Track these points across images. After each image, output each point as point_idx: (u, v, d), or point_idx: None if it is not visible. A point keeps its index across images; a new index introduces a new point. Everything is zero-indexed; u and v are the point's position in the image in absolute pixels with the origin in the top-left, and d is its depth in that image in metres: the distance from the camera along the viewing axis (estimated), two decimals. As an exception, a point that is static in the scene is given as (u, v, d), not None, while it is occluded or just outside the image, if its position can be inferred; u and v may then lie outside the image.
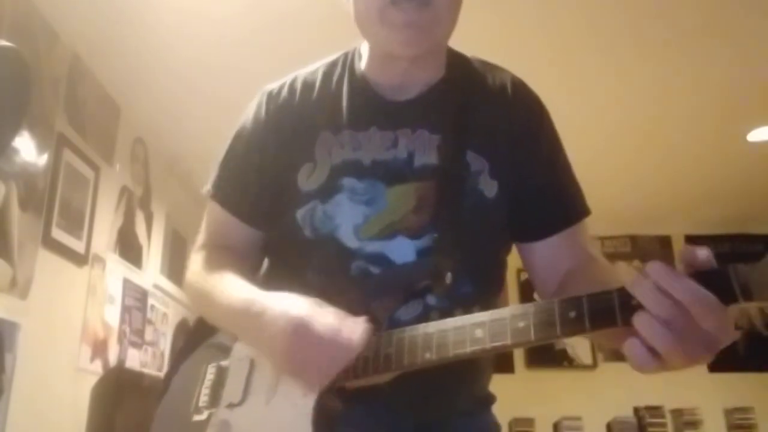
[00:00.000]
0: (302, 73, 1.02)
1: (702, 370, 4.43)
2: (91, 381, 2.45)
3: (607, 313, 0.63)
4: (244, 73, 2.76)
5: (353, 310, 0.79)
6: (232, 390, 0.87)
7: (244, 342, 0.89)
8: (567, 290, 0.84)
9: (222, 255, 0.98)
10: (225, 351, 0.93)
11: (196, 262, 1.01)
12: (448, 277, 0.81)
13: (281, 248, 0.98)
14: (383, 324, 0.79)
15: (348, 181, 0.90)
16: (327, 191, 0.90)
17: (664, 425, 4.16)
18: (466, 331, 0.70)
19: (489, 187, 0.90)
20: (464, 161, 0.90)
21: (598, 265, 0.90)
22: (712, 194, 4.14)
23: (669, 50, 2.59)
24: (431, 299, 0.86)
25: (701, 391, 4.30)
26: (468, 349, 0.70)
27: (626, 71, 2.75)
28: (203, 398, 0.90)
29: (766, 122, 3.31)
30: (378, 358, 0.76)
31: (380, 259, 0.87)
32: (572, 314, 0.64)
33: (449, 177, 0.89)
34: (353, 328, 0.75)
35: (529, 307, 0.67)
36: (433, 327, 0.74)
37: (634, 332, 0.61)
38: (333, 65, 1.01)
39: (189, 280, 1.00)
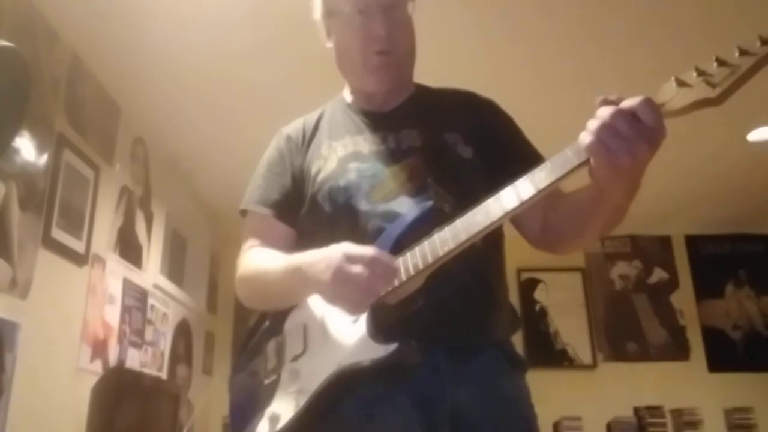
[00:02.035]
0: (305, 117, 1.30)
1: (702, 370, 4.44)
2: (91, 381, 2.44)
3: (565, 159, 0.86)
4: (244, 73, 2.76)
5: None
6: (293, 348, 1.06)
7: (299, 292, 1.05)
8: (550, 227, 1.11)
9: (264, 249, 1.18)
10: (278, 331, 1.11)
11: (242, 261, 1.20)
12: (447, 207, 1.01)
13: (309, 234, 1.14)
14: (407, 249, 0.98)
15: (354, 165, 1.14)
16: (338, 174, 1.13)
17: (664, 425, 4.16)
18: (470, 218, 0.92)
19: (465, 151, 1.14)
20: (442, 138, 1.15)
21: (568, 195, 1.06)
22: (712, 194, 4.14)
23: (668, 50, 2.59)
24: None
25: (701, 391, 4.30)
26: (474, 229, 0.91)
27: (626, 71, 2.75)
28: (270, 364, 1.08)
29: (766, 122, 3.31)
30: (408, 268, 0.95)
31: (391, 215, 1.05)
32: (542, 174, 0.88)
33: (433, 149, 1.13)
34: (390, 257, 0.95)
35: (509, 186, 0.90)
36: (444, 229, 0.94)
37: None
38: (328, 105, 1.30)
39: (240, 274, 1.18)
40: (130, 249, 2.98)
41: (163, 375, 3.34)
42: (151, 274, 3.24)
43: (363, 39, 1.15)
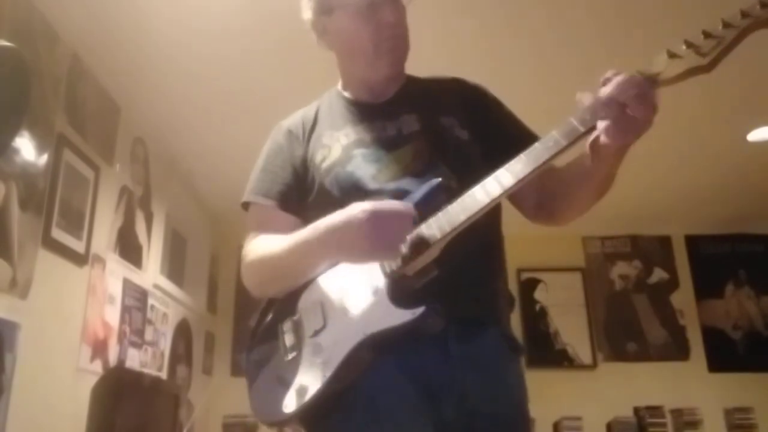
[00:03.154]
0: (303, 110, 1.33)
1: (702, 370, 4.44)
2: (91, 381, 2.44)
3: (572, 128, 0.95)
4: (244, 74, 2.76)
5: None
6: (311, 324, 1.08)
7: (320, 260, 1.09)
8: (546, 199, 1.18)
9: (271, 235, 1.19)
10: (291, 311, 1.12)
11: (249, 248, 1.21)
12: (453, 183, 1.07)
13: (317, 217, 1.12)
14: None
15: (358, 151, 1.18)
16: (344, 160, 1.17)
17: (664, 425, 4.16)
18: (483, 188, 0.99)
19: (462, 134, 1.20)
20: (439, 122, 1.20)
21: (561, 168, 1.12)
22: (712, 194, 4.14)
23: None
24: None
25: (701, 391, 4.30)
26: (486, 199, 0.98)
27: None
28: (289, 342, 1.10)
29: (766, 122, 3.31)
30: (426, 238, 1.00)
31: (400, 194, 1.08)
32: (550, 143, 0.96)
33: (432, 132, 1.18)
34: (404, 203, 1.02)
35: (520, 155, 0.98)
36: (458, 200, 1.00)
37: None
38: (323, 100, 1.33)
39: (248, 261, 1.20)
40: (130, 249, 2.98)
41: (163, 375, 3.34)
42: (151, 274, 3.24)
43: (375, 26, 1.20)
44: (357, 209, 1.00)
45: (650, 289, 4.69)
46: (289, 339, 1.10)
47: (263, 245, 1.18)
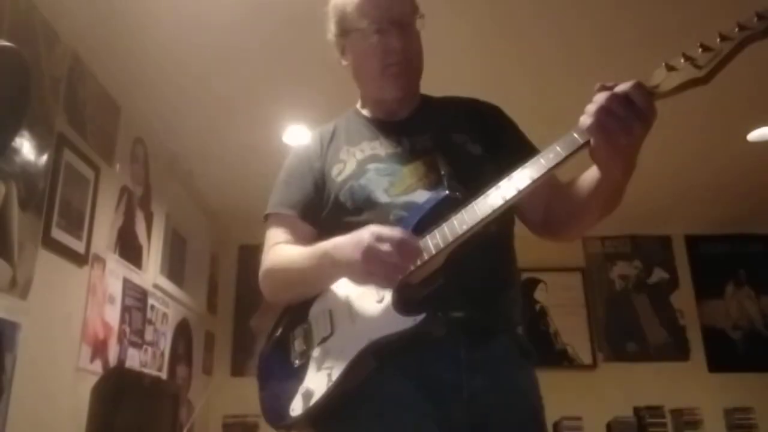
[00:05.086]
0: (320, 128, 1.38)
1: (702, 370, 4.44)
2: (91, 381, 2.44)
3: (572, 140, 0.96)
4: (244, 73, 2.76)
5: None
6: (320, 331, 1.12)
7: (328, 275, 1.12)
8: (553, 214, 1.20)
9: (290, 245, 1.24)
10: (303, 319, 1.17)
11: (268, 256, 1.25)
12: (460, 195, 1.07)
13: (333, 231, 1.16)
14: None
15: (372, 165, 1.22)
16: (358, 174, 1.22)
17: (664, 425, 4.16)
18: (485, 199, 1.01)
19: (475, 149, 1.23)
20: (451, 139, 1.24)
21: (568, 183, 1.15)
22: (712, 194, 4.14)
23: (669, 50, 2.59)
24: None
25: (701, 391, 4.30)
26: (489, 210, 0.99)
27: (626, 70, 2.75)
28: (298, 348, 1.14)
29: (766, 122, 3.31)
30: (429, 248, 1.02)
31: (410, 205, 1.13)
32: (551, 154, 0.98)
33: (444, 149, 1.22)
34: (414, 237, 1.02)
35: (523, 167, 1.00)
36: (461, 212, 1.02)
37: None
38: (341, 118, 1.39)
39: (266, 267, 1.24)
40: (130, 249, 2.98)
41: (163, 375, 3.34)
42: (151, 274, 3.24)
43: (382, 52, 1.25)
44: (366, 233, 1.02)
45: (650, 289, 4.69)
46: (299, 345, 1.15)
47: (283, 254, 1.22)
